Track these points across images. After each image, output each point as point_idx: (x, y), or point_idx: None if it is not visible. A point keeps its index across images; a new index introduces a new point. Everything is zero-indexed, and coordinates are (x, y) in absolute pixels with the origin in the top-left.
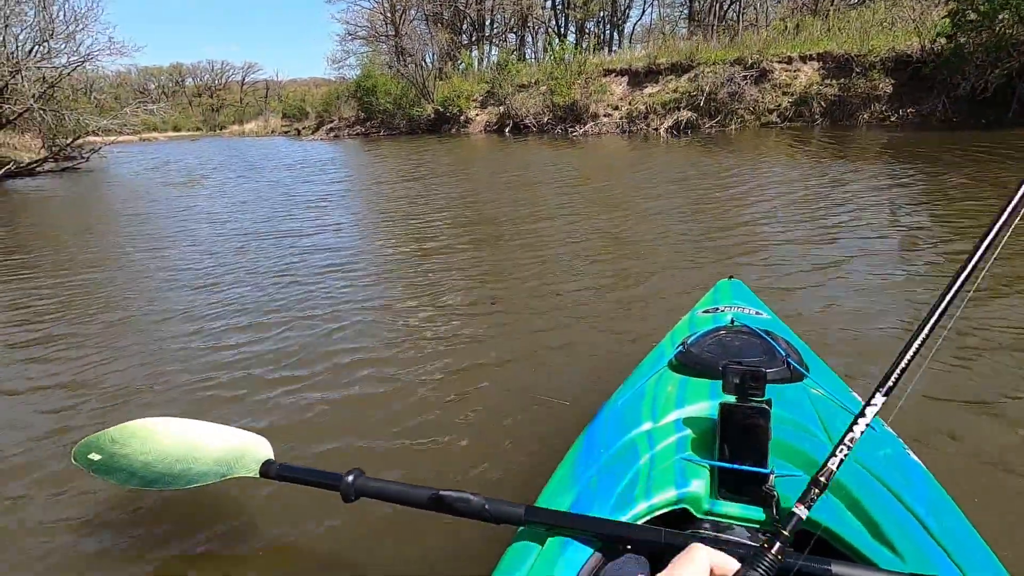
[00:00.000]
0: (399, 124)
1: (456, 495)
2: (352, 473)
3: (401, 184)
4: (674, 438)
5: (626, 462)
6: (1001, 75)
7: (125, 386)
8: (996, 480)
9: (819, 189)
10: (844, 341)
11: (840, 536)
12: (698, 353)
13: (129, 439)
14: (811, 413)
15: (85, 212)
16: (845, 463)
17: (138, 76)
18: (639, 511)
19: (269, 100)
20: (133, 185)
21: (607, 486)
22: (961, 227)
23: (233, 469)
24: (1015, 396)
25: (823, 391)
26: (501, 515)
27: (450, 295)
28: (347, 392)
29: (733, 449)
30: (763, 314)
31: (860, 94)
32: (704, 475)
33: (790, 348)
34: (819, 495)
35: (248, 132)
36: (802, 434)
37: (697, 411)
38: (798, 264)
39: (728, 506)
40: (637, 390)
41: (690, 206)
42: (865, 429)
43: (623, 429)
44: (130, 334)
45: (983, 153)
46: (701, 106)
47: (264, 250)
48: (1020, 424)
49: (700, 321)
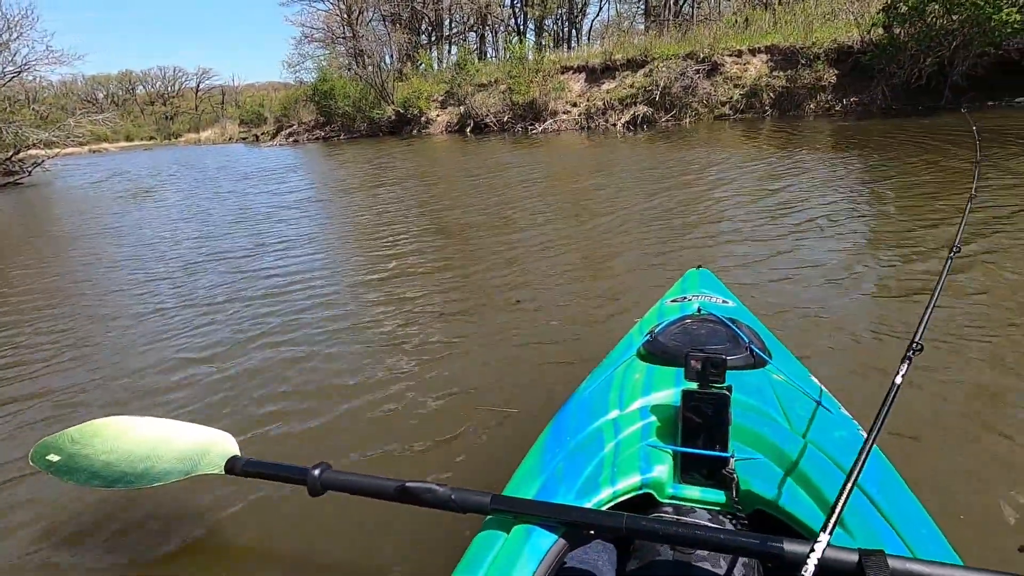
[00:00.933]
0: (359, 127)
1: (422, 486)
2: (319, 467)
3: (367, 192)
4: (639, 425)
5: (592, 449)
6: (933, 64)
7: (84, 388)
8: (941, 462)
9: (773, 178)
10: (806, 327)
11: (794, 515)
12: (665, 342)
13: (90, 439)
14: (771, 398)
15: (23, 230)
16: (801, 444)
17: (85, 85)
18: (604, 497)
19: (226, 106)
20: (74, 200)
21: (573, 473)
22: (907, 208)
23: (198, 466)
24: (961, 380)
25: (784, 376)
26: (467, 504)
27: (416, 293)
28: (314, 387)
29: (695, 434)
30: (729, 302)
31: (806, 85)
32: (667, 460)
33: (753, 335)
34: (776, 476)
35: (204, 140)
36: (762, 418)
37: (662, 398)
38: (761, 252)
39: (690, 490)
40: (605, 379)
41: (655, 200)
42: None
43: (590, 417)
44: (88, 337)
45: (921, 139)
46: (657, 100)
47: (223, 258)
48: (968, 408)
49: (668, 310)
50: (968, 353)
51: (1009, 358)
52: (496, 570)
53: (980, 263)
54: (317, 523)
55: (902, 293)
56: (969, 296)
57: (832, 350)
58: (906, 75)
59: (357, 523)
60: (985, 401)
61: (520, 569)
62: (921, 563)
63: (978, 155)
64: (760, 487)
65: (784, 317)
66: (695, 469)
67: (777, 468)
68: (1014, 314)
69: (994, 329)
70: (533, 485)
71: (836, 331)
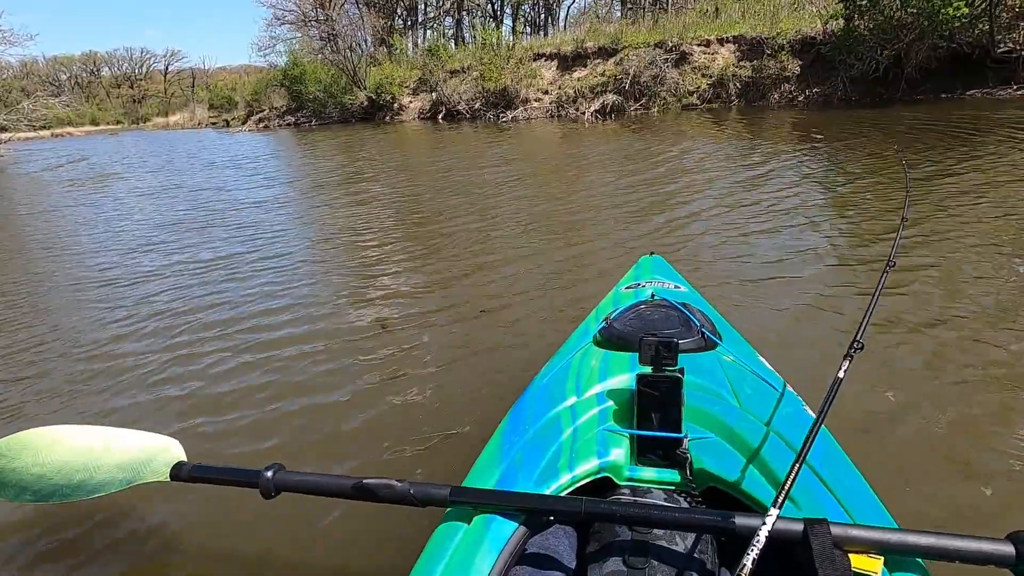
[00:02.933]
0: (331, 113)
1: (380, 482)
2: (271, 468)
3: (337, 189)
4: (596, 410)
5: (550, 436)
6: (889, 56)
7: (9, 396)
8: (881, 436)
9: (735, 168)
10: (756, 309)
11: (745, 490)
12: (620, 328)
13: (19, 452)
14: (722, 379)
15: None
16: (750, 422)
17: (47, 66)
18: (563, 483)
19: (197, 90)
20: (19, 188)
21: (532, 461)
22: (855, 200)
23: (141, 474)
24: (908, 367)
25: (733, 358)
26: (426, 498)
27: (377, 293)
28: (267, 389)
29: (650, 417)
30: (681, 287)
31: (771, 75)
32: (624, 443)
33: (705, 319)
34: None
35: (173, 125)
36: (713, 399)
37: (618, 383)
38: (715, 239)
39: (646, 471)
40: (562, 366)
41: (633, 190)
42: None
43: (548, 405)
44: (16, 340)
45: (874, 129)
46: (626, 89)
47: (168, 255)
48: (905, 393)
49: (623, 297)
50: (904, 348)
51: (941, 351)
52: (457, 561)
53: (917, 266)
54: (273, 525)
55: (845, 292)
56: (904, 300)
57: (778, 333)
58: (864, 67)
59: (314, 523)
60: (920, 387)
61: (481, 558)
62: (860, 528)
63: (908, 185)
64: (712, 465)
65: (735, 303)
66: (651, 451)
67: (728, 446)
68: (942, 314)
69: (925, 329)
70: (493, 475)
71: (782, 318)
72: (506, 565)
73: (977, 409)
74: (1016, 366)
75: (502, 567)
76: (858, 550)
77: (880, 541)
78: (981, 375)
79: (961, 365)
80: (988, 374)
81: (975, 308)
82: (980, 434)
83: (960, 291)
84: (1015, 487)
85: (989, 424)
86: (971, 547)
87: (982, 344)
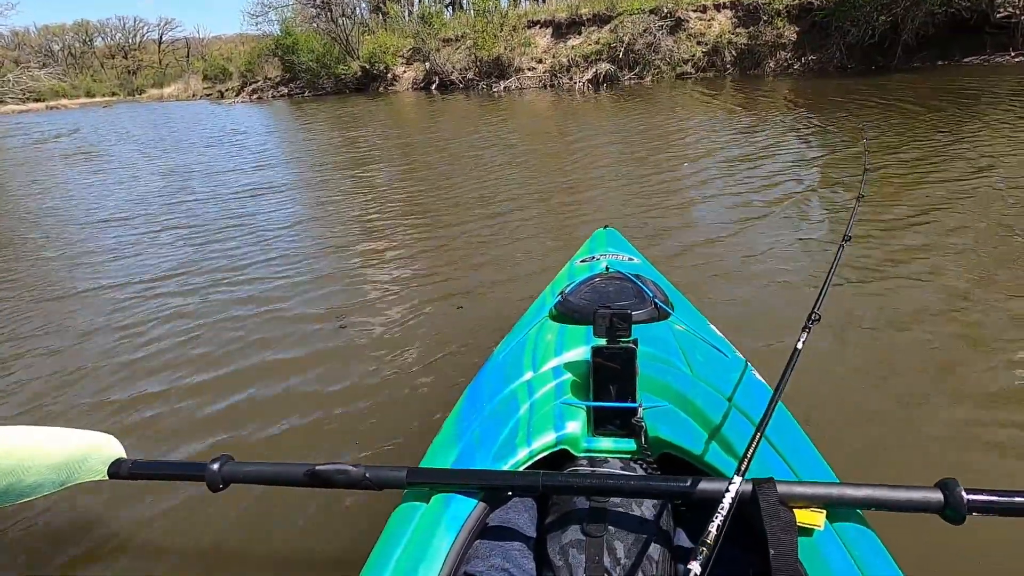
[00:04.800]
0: (324, 84)
1: (334, 467)
2: (218, 460)
3: (337, 172)
4: (553, 384)
5: (508, 412)
6: (886, 21)
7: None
8: (830, 398)
9: (727, 142)
10: (705, 279)
11: (697, 455)
12: (575, 301)
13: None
14: (675, 348)
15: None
16: (701, 388)
17: (39, 36)
18: (521, 457)
19: (192, 60)
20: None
21: (490, 437)
22: (834, 176)
23: (76, 474)
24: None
25: (685, 327)
26: (383, 481)
27: (321, 275)
28: (210, 377)
29: (605, 388)
30: (635, 260)
31: (767, 42)
32: (580, 416)
33: (657, 289)
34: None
35: (168, 96)
36: (666, 368)
37: (574, 356)
38: (669, 212)
39: (603, 441)
40: (519, 341)
41: (635, 163)
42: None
43: (505, 380)
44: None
45: (864, 100)
46: (620, 58)
47: (118, 238)
48: (856, 361)
49: (578, 270)
50: (858, 317)
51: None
52: (416, 541)
53: (872, 246)
54: (224, 519)
55: (807, 271)
56: (859, 272)
57: (735, 304)
58: (860, 33)
59: (268, 514)
60: (871, 357)
61: (440, 537)
62: (804, 484)
63: (866, 162)
64: (666, 432)
65: (687, 273)
66: (607, 421)
67: (681, 413)
68: (894, 283)
69: (879, 301)
70: (451, 454)
71: (732, 286)
72: (466, 541)
73: (922, 373)
74: (965, 323)
75: (462, 543)
76: (802, 505)
77: (822, 496)
78: (931, 336)
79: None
80: (937, 335)
81: (940, 276)
82: (925, 396)
83: (922, 262)
84: (952, 437)
85: (933, 385)
86: (905, 496)
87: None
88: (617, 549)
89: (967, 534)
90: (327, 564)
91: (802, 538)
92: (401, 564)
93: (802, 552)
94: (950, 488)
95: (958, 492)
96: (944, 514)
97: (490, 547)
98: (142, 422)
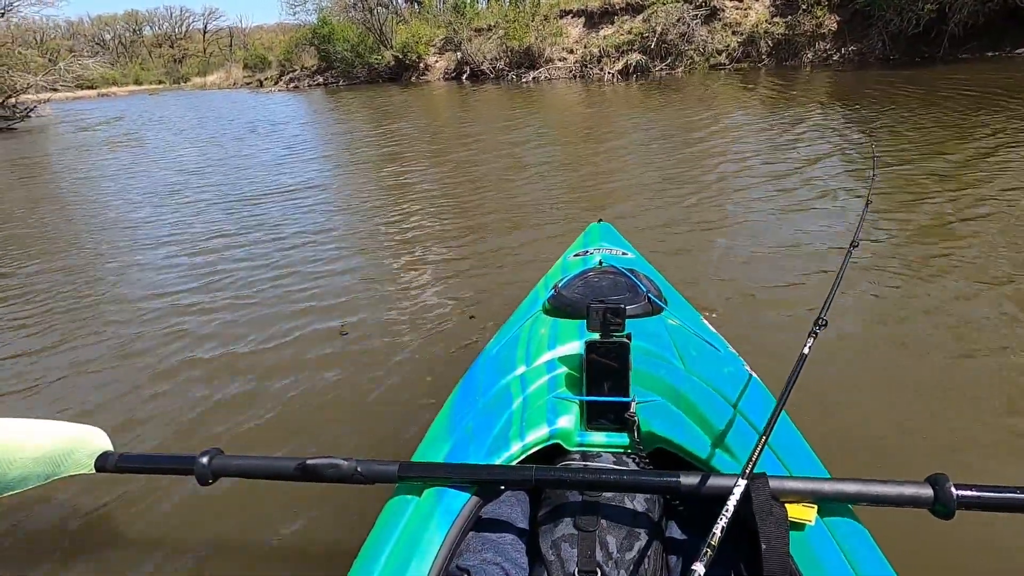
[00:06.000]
0: (358, 73)
1: (325, 461)
2: (207, 453)
3: (373, 162)
4: (546, 378)
5: (501, 406)
6: (931, 10)
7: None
8: (817, 394)
9: (761, 141)
10: (699, 275)
11: (689, 450)
12: (568, 295)
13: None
14: (668, 343)
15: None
16: (694, 383)
17: (92, 25)
18: (514, 451)
19: (234, 49)
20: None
21: (483, 432)
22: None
23: (61, 468)
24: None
25: (678, 321)
26: (374, 475)
27: (313, 264)
28: (201, 370)
29: (598, 382)
30: (629, 254)
31: (805, 32)
32: (574, 410)
33: (651, 284)
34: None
35: (210, 85)
36: (659, 362)
37: (567, 351)
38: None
39: (595, 436)
40: (512, 335)
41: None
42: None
43: (498, 374)
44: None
45: (906, 95)
46: (652, 48)
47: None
48: (860, 364)
49: (571, 265)
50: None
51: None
52: (408, 534)
53: (881, 250)
54: (214, 513)
55: (813, 273)
56: (869, 278)
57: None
58: (904, 22)
59: (258, 507)
60: (874, 361)
61: (432, 530)
62: (796, 480)
63: (874, 170)
64: (659, 427)
65: (680, 268)
66: (600, 416)
67: (674, 408)
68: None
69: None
70: (443, 448)
71: (724, 281)
72: (458, 534)
73: (927, 374)
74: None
75: (454, 537)
76: (794, 500)
77: (814, 491)
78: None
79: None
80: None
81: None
82: (931, 398)
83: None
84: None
85: (938, 388)
86: (895, 491)
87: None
88: (609, 544)
89: (956, 529)
90: (318, 558)
91: (793, 533)
92: (393, 558)
93: (793, 547)
94: (940, 483)
95: (948, 487)
96: (934, 509)
97: (482, 541)
98: (130, 415)
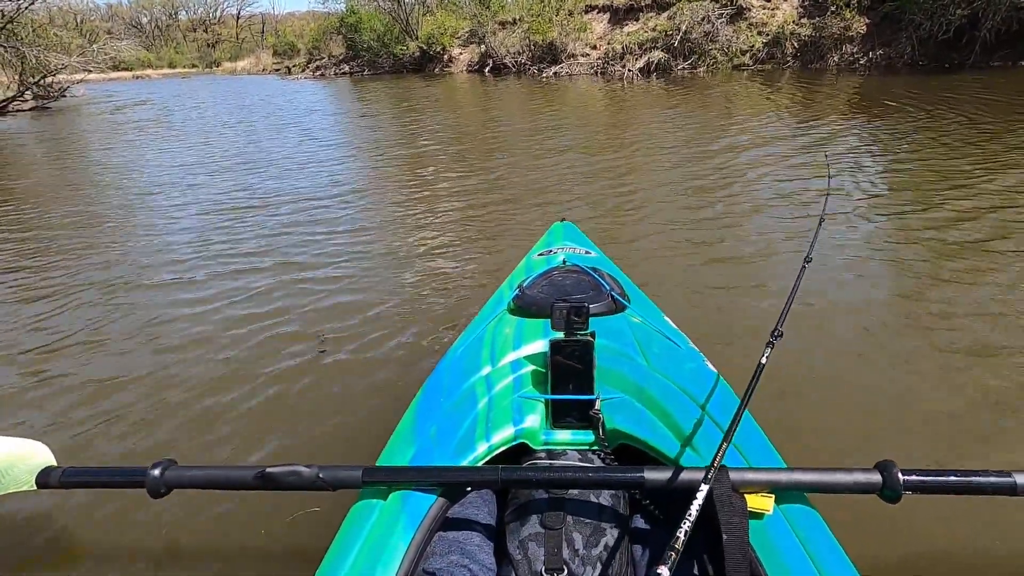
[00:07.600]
0: (383, 63)
1: (285, 469)
2: (160, 465)
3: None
4: (511, 378)
5: (466, 407)
6: (963, 15)
7: None
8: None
9: (785, 149)
10: (659, 272)
11: (652, 445)
12: (533, 295)
13: None
14: (631, 340)
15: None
16: (657, 380)
17: (130, 8)
18: (480, 452)
19: (266, 35)
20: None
21: (448, 434)
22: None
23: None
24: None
25: (641, 319)
26: (337, 481)
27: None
28: (153, 377)
29: (563, 381)
30: (592, 253)
31: (832, 35)
32: (539, 409)
33: (614, 283)
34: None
35: (240, 70)
36: (623, 360)
37: (532, 350)
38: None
39: (561, 434)
40: (477, 336)
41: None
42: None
43: (463, 376)
44: None
45: (934, 101)
46: (675, 47)
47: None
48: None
49: (535, 264)
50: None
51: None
52: (373, 539)
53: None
54: (169, 524)
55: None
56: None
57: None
58: (934, 26)
59: (216, 518)
60: (829, 365)
61: (398, 535)
62: (754, 471)
63: (829, 185)
64: (623, 423)
65: (642, 268)
66: (566, 414)
67: (637, 404)
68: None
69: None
70: (408, 451)
71: (681, 278)
72: (424, 538)
73: (875, 375)
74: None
75: (420, 540)
76: (753, 491)
77: (771, 481)
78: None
79: None
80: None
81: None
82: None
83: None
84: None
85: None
86: (847, 479)
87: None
88: (575, 541)
89: (903, 512)
90: (281, 569)
91: (752, 522)
92: (358, 563)
93: (752, 536)
94: (888, 469)
95: (895, 473)
96: (882, 494)
97: (449, 543)
98: (76, 428)
